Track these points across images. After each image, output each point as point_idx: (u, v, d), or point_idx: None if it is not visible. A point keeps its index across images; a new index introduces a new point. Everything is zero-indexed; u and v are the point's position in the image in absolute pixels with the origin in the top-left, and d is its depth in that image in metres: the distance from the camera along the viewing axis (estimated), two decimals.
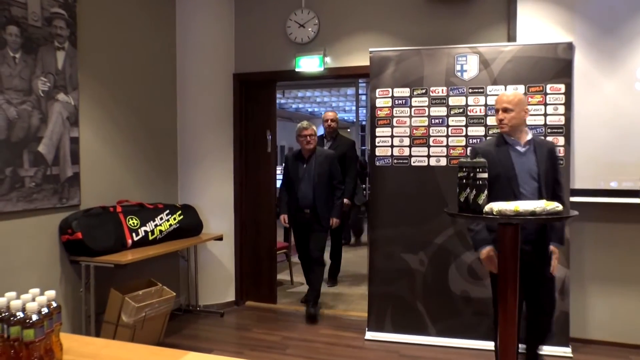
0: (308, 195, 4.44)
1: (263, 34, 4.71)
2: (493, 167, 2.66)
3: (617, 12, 3.72)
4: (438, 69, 3.89)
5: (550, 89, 3.73)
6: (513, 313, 2.41)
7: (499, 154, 2.81)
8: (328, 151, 4.69)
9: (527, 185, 2.77)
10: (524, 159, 2.82)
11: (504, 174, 2.75)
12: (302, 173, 4.48)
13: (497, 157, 2.79)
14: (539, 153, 2.84)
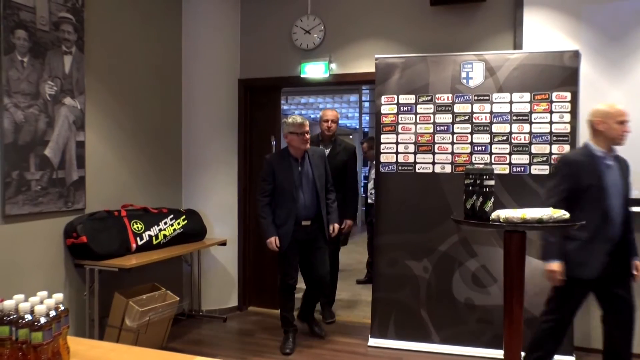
0: (311, 204, 3.77)
1: (268, 40, 4.73)
2: (585, 177, 2.75)
3: (623, 20, 3.73)
4: (444, 76, 3.90)
5: (556, 97, 3.73)
6: (519, 322, 2.41)
7: (589, 166, 2.82)
8: (318, 149, 4.05)
9: (615, 198, 2.80)
10: (612, 172, 2.85)
11: (595, 186, 2.77)
12: (298, 178, 3.74)
13: (588, 168, 2.80)
14: (623, 168, 2.91)
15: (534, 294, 3.71)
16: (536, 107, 3.74)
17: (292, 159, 3.77)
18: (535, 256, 3.69)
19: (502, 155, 3.78)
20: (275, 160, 3.79)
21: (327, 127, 4.39)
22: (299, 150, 3.77)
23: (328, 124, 4.37)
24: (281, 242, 3.71)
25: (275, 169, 3.74)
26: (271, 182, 3.74)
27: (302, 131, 3.70)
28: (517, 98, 3.78)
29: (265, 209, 3.73)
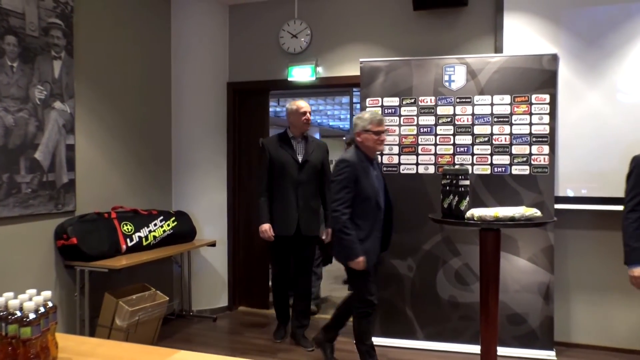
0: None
1: (256, 44, 4.81)
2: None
3: (600, 25, 3.83)
4: (427, 79, 3.99)
5: (535, 99, 3.83)
6: (494, 317, 2.50)
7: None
8: (318, 139, 4.04)
9: None
10: None
11: None
12: (377, 183, 3.25)
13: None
14: None
15: (514, 291, 3.82)
16: (516, 109, 3.84)
17: (367, 162, 3.23)
18: (518, 254, 3.81)
19: (483, 156, 3.88)
20: (357, 162, 3.15)
21: (306, 120, 3.89)
22: (373, 152, 3.27)
23: (307, 116, 3.89)
24: (367, 259, 3.13)
25: (359, 174, 3.13)
26: (352, 190, 3.11)
27: (382, 130, 3.22)
28: (498, 100, 3.88)
29: (349, 223, 3.08)
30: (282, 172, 3.84)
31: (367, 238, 3.15)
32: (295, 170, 3.84)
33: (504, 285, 3.80)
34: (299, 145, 3.92)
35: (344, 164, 3.11)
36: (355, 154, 3.21)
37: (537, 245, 3.79)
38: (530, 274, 3.80)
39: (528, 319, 3.79)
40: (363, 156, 3.21)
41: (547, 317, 3.77)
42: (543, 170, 3.80)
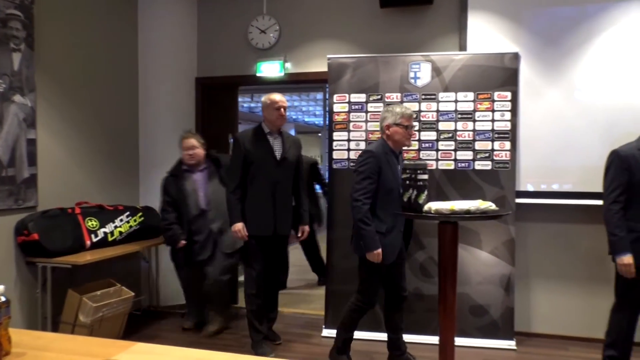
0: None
1: (225, 39, 4.80)
2: (638, 171, 2.86)
3: (559, 25, 3.95)
4: (393, 76, 4.05)
5: (497, 96, 3.93)
6: (452, 307, 2.57)
7: None
8: (293, 135, 3.94)
9: None
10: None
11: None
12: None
13: None
14: None
15: (477, 283, 3.92)
16: (479, 105, 3.94)
17: (392, 155, 3.21)
18: (481, 247, 3.90)
19: (447, 152, 3.96)
20: (381, 154, 3.11)
21: (281, 116, 3.67)
22: (400, 146, 3.23)
23: (281, 111, 3.65)
24: (386, 253, 3.10)
25: (383, 166, 3.10)
26: (375, 182, 3.08)
27: (412, 125, 3.20)
28: (462, 97, 3.96)
29: (369, 214, 3.06)
30: (258, 169, 3.58)
31: (389, 232, 3.11)
32: (273, 167, 3.60)
33: (467, 278, 3.90)
34: (276, 142, 3.67)
35: (367, 155, 3.08)
36: (381, 146, 3.19)
37: (498, 238, 3.89)
38: (492, 267, 3.90)
39: (490, 310, 3.90)
40: (389, 149, 3.18)
41: (507, 308, 3.88)
42: (505, 165, 3.90)
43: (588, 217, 3.91)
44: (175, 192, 4.02)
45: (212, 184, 4.08)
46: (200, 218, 4.03)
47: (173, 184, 4.04)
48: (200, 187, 4.07)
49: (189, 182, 4.07)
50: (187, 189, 4.05)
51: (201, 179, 4.10)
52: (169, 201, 4.03)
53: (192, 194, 4.05)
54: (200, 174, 4.11)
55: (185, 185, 4.05)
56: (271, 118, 3.65)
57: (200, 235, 4.02)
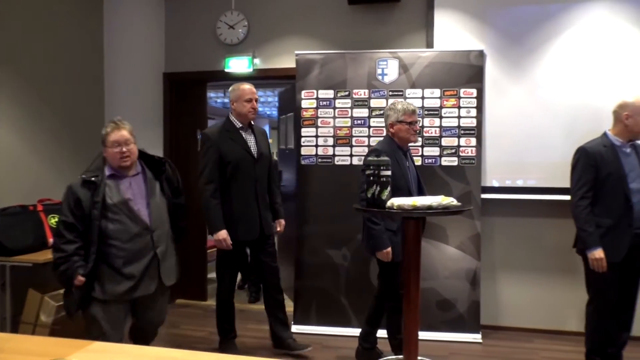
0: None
1: (193, 34, 4.75)
2: (604, 167, 2.92)
3: (523, 23, 4.02)
4: (360, 72, 4.07)
5: (463, 93, 3.98)
6: (416, 302, 2.60)
7: (608, 155, 2.99)
8: (258, 126, 3.65)
9: (635, 182, 2.96)
10: (630, 159, 3.02)
11: (615, 174, 2.94)
12: (408, 174, 3.18)
13: (607, 158, 2.97)
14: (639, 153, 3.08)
15: (444, 277, 3.98)
16: (445, 102, 3.99)
17: (400, 152, 3.19)
18: (447, 242, 3.96)
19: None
20: (388, 152, 3.05)
21: (253, 109, 3.45)
22: (406, 143, 3.22)
23: (253, 104, 3.43)
24: (395, 251, 3.08)
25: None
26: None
27: (415, 120, 3.17)
28: (429, 94, 4.01)
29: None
30: (237, 169, 3.34)
31: (399, 230, 3.06)
32: (252, 165, 3.39)
33: (434, 272, 3.95)
34: (249, 137, 3.46)
35: (375, 154, 3.01)
36: (388, 143, 3.19)
37: (464, 233, 3.96)
38: (458, 261, 3.96)
39: (456, 304, 3.96)
40: (396, 146, 3.18)
41: (474, 302, 3.95)
42: (470, 161, 3.96)
43: (552, 212, 4.00)
44: (89, 205, 2.63)
45: (154, 195, 2.84)
46: (139, 240, 2.74)
47: (88, 195, 2.64)
48: (139, 199, 2.77)
49: (118, 192, 2.73)
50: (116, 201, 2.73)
51: (137, 187, 2.80)
52: (71, 223, 2.61)
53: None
54: (135, 180, 2.80)
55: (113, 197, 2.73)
56: (242, 111, 3.40)
57: (138, 264, 2.73)
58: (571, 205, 3.06)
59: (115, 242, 2.66)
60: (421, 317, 3.05)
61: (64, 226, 2.61)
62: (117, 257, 2.67)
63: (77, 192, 2.63)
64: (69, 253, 2.60)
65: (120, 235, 2.67)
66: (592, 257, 2.96)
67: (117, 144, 2.71)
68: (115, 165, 2.73)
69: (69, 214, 2.61)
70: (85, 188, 2.64)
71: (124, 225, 2.68)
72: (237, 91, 3.44)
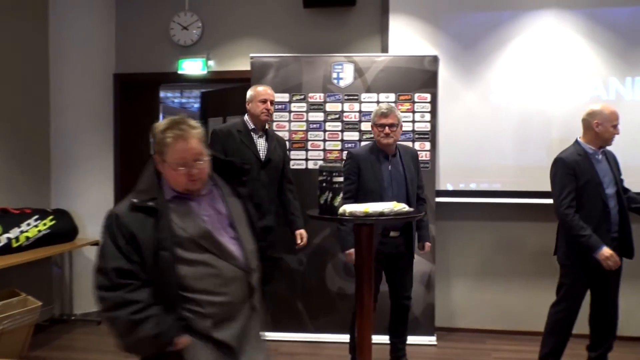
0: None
1: (145, 35, 4.62)
2: (582, 175, 2.95)
3: (475, 29, 4.10)
4: (316, 76, 4.05)
5: (417, 97, 4.02)
6: (369, 308, 2.59)
7: (584, 163, 3.01)
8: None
9: (609, 188, 3.02)
10: (602, 165, 3.05)
11: (592, 181, 2.97)
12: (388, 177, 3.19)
13: (583, 166, 2.99)
14: (610, 159, 3.12)
15: None
16: (400, 107, 4.00)
17: (381, 155, 3.20)
18: None
19: None
20: (361, 154, 3.19)
21: (267, 110, 3.32)
22: (383, 146, 3.19)
23: (267, 105, 3.31)
24: None
25: (362, 166, 3.16)
26: (354, 182, 3.14)
27: (383, 123, 3.12)
28: (384, 98, 4.02)
29: None
30: None
31: None
32: (257, 169, 3.25)
33: None
34: (260, 140, 3.34)
35: (347, 156, 3.24)
36: (367, 147, 3.26)
37: None
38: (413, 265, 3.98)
39: (412, 308, 3.97)
40: (377, 150, 3.19)
41: (428, 304, 3.98)
42: (425, 165, 3.99)
43: (504, 215, 4.10)
44: (152, 244, 1.74)
45: (238, 218, 1.90)
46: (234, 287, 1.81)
47: (147, 228, 1.71)
48: (219, 226, 1.83)
49: (193, 220, 1.82)
50: None
51: (214, 210, 1.86)
52: (129, 271, 1.67)
53: None
54: (208, 201, 1.86)
55: None
56: (255, 112, 3.30)
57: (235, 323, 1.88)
58: (559, 216, 3.04)
59: (198, 295, 1.70)
60: (376, 321, 3.07)
61: (118, 274, 1.64)
62: (204, 316, 1.71)
63: (128, 225, 1.67)
64: (145, 303, 1.65)
65: (207, 283, 1.71)
66: (603, 257, 2.91)
67: (182, 162, 1.71)
68: (179, 189, 1.77)
69: (121, 257, 1.65)
70: (140, 217, 1.69)
71: (211, 268, 1.72)
72: (253, 91, 3.35)
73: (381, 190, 3.13)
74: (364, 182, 3.15)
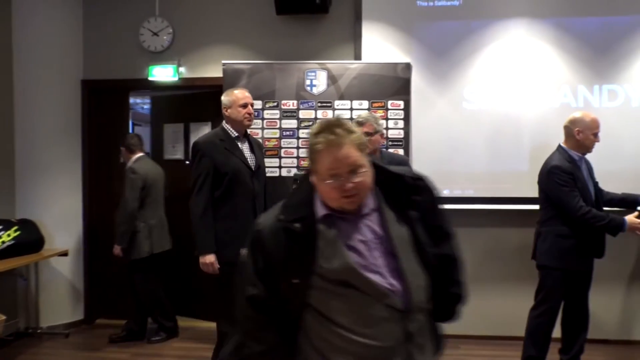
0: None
1: (114, 40, 4.52)
2: (577, 180, 3.02)
3: (448, 37, 4.14)
4: (289, 83, 4.03)
5: (391, 104, 4.03)
6: None
7: (574, 169, 3.08)
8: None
9: (592, 194, 3.11)
10: (584, 171, 3.16)
11: (582, 187, 3.05)
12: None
13: (574, 172, 3.05)
14: (588, 166, 3.22)
15: None
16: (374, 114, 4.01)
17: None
18: None
19: None
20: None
21: (249, 115, 3.14)
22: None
23: (249, 109, 3.13)
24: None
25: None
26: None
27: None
28: (357, 105, 4.03)
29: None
30: (234, 182, 3.00)
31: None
32: (249, 179, 3.06)
33: None
34: (245, 147, 3.15)
35: None
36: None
37: None
38: None
39: None
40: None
41: None
42: None
43: (478, 221, 4.11)
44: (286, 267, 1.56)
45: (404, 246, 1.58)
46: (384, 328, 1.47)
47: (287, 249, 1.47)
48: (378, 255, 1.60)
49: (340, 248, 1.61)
50: None
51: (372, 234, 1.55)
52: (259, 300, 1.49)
53: None
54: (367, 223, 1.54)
55: None
56: (237, 117, 3.07)
57: None
58: (579, 220, 3.03)
59: (339, 329, 1.39)
60: None
61: (249, 308, 1.44)
62: (343, 352, 1.39)
63: (268, 243, 1.44)
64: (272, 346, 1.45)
65: (347, 319, 1.39)
66: (632, 227, 3.02)
67: (334, 174, 1.39)
68: (333, 206, 1.46)
69: (254, 279, 1.45)
70: (281, 237, 1.43)
71: (353, 303, 1.39)
72: (230, 96, 3.11)
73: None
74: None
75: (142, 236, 4.01)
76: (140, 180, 4.00)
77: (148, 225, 4.05)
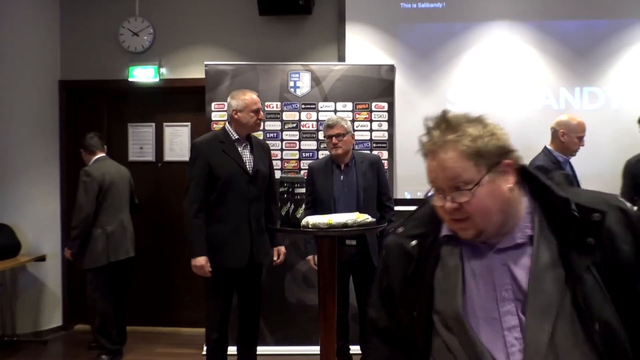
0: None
1: (93, 40, 4.44)
2: None
3: (431, 39, 4.16)
4: (273, 85, 4.00)
5: (375, 106, 4.03)
6: (332, 319, 2.56)
7: None
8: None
9: None
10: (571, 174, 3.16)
11: None
12: (339, 187, 3.25)
13: None
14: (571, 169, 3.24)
15: None
16: (358, 115, 4.01)
17: (334, 166, 3.30)
18: None
19: None
20: (315, 166, 3.38)
21: (260, 120, 3.07)
22: (335, 157, 3.27)
23: (260, 115, 3.05)
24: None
25: (316, 177, 3.29)
26: (311, 193, 3.21)
27: (330, 134, 3.19)
28: (341, 107, 4.01)
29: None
30: (227, 187, 2.90)
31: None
32: (246, 183, 2.94)
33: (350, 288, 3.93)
34: (245, 151, 3.01)
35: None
36: (325, 159, 3.42)
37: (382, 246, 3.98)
38: None
39: None
40: (330, 161, 3.33)
41: None
42: None
43: None
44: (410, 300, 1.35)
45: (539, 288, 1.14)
46: None
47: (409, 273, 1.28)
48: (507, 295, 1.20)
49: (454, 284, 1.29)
50: None
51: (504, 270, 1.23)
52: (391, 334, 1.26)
53: None
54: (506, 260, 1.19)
55: None
56: (249, 122, 2.94)
57: None
58: None
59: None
60: None
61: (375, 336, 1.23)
62: None
63: (391, 261, 1.19)
64: None
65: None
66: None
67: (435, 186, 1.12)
68: None
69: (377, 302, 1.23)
70: (401, 256, 1.16)
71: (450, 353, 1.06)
72: (243, 100, 2.95)
73: (331, 201, 3.21)
74: (316, 193, 3.27)
75: (97, 243, 3.61)
76: (95, 183, 3.63)
77: (105, 231, 3.65)
